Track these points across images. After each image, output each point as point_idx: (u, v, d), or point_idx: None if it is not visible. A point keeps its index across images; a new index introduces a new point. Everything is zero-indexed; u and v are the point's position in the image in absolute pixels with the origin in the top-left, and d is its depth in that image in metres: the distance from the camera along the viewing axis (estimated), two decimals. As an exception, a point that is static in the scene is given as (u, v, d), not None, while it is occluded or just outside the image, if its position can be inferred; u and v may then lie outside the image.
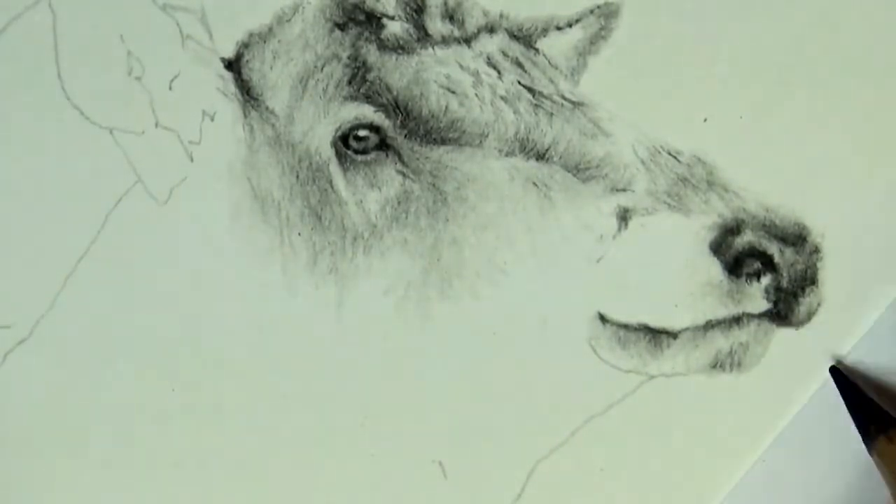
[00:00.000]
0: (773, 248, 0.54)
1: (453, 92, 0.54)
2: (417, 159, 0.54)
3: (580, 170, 0.54)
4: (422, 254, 0.55)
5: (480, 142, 0.54)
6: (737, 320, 0.54)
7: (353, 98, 0.54)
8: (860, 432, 0.54)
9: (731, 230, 0.54)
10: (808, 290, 0.55)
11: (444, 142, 0.54)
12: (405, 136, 0.54)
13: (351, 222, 0.55)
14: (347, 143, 0.55)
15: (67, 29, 0.55)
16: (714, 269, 0.54)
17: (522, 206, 0.54)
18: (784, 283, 0.54)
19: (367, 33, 0.55)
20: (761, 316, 0.54)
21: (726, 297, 0.54)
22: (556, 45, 0.55)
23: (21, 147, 0.55)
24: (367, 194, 0.55)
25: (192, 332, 0.56)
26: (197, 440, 0.56)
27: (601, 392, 0.56)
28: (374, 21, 0.55)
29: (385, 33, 0.55)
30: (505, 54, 0.55)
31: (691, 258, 0.54)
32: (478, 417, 0.56)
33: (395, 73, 0.54)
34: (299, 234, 0.55)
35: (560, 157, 0.54)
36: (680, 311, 0.55)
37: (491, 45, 0.55)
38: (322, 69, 0.55)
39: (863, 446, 0.55)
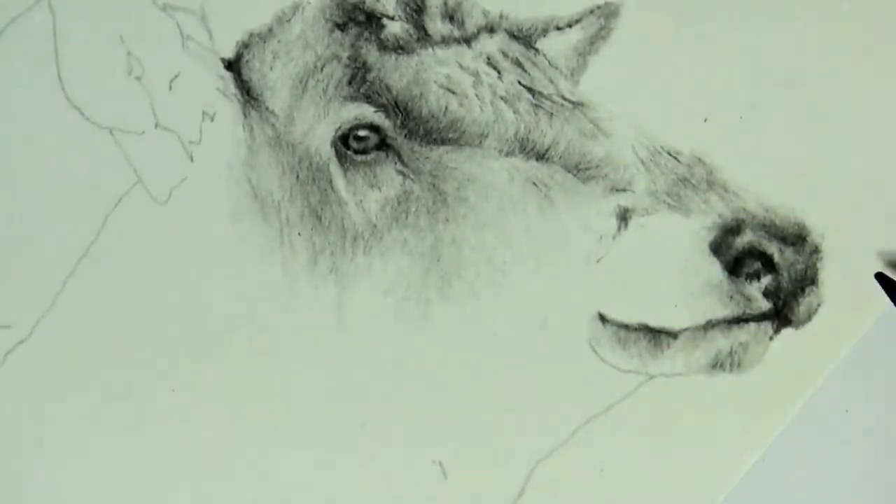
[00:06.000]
0: (773, 248, 0.54)
1: (453, 92, 0.54)
2: (417, 159, 0.54)
3: (580, 170, 0.54)
4: (422, 254, 0.55)
5: (480, 142, 0.54)
6: (737, 320, 0.54)
7: (353, 98, 0.54)
8: None
9: (731, 230, 0.54)
10: (808, 290, 0.55)
11: (444, 142, 0.54)
12: (405, 136, 0.54)
13: (351, 222, 0.55)
14: (347, 143, 0.55)
15: (67, 29, 0.55)
16: (714, 269, 0.54)
17: (522, 206, 0.54)
18: (784, 283, 0.54)
19: (367, 33, 0.55)
20: (761, 316, 0.54)
21: (726, 297, 0.54)
22: (556, 45, 0.55)
23: (21, 147, 0.55)
24: (367, 194, 0.55)
25: (192, 332, 0.56)
26: (197, 440, 0.56)
27: (601, 392, 0.56)
28: (374, 21, 0.55)
29: (385, 33, 0.55)
30: (505, 54, 0.55)
31: (691, 258, 0.54)
32: (478, 417, 0.56)
33: (395, 73, 0.54)
34: (299, 234, 0.55)
35: (560, 157, 0.54)
36: (680, 311, 0.55)
37: (491, 45, 0.55)
38: (322, 69, 0.55)
39: (863, 446, 0.55)
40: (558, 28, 0.55)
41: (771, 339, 0.55)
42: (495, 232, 0.55)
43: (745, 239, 0.54)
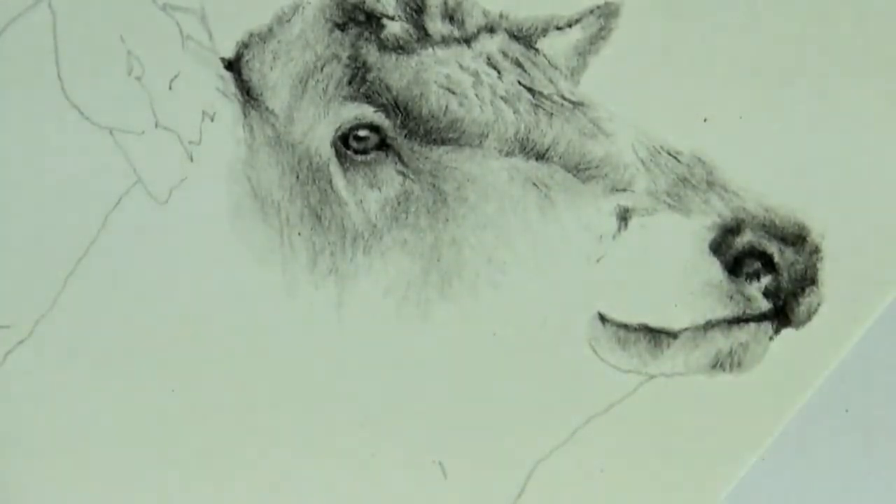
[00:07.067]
0: (773, 248, 0.54)
1: (453, 92, 0.54)
2: (417, 159, 0.54)
3: (580, 170, 0.54)
4: (422, 254, 0.55)
5: (480, 142, 0.54)
6: (737, 320, 0.54)
7: (352, 98, 0.54)
8: None
9: (731, 230, 0.54)
10: (808, 290, 0.55)
11: (444, 142, 0.54)
12: (405, 136, 0.54)
13: (351, 222, 0.55)
14: (347, 143, 0.55)
15: (67, 29, 0.55)
16: (714, 269, 0.54)
17: (522, 206, 0.54)
18: (784, 283, 0.54)
19: (367, 33, 0.55)
20: (761, 316, 0.54)
21: (726, 297, 0.54)
22: (556, 45, 0.55)
23: (21, 147, 0.55)
24: (367, 194, 0.55)
25: (192, 333, 0.56)
26: (197, 440, 0.56)
27: (601, 392, 0.56)
28: (374, 21, 0.55)
29: (385, 33, 0.55)
30: (505, 54, 0.55)
31: (691, 258, 0.54)
32: (478, 417, 0.56)
33: (395, 73, 0.54)
34: (299, 234, 0.55)
35: (560, 157, 0.54)
36: (680, 311, 0.55)
37: (491, 45, 0.55)
38: (322, 69, 0.55)
39: (863, 446, 0.55)
40: (558, 28, 0.55)
41: (771, 339, 0.55)
42: (495, 232, 0.55)
43: (745, 239, 0.54)
